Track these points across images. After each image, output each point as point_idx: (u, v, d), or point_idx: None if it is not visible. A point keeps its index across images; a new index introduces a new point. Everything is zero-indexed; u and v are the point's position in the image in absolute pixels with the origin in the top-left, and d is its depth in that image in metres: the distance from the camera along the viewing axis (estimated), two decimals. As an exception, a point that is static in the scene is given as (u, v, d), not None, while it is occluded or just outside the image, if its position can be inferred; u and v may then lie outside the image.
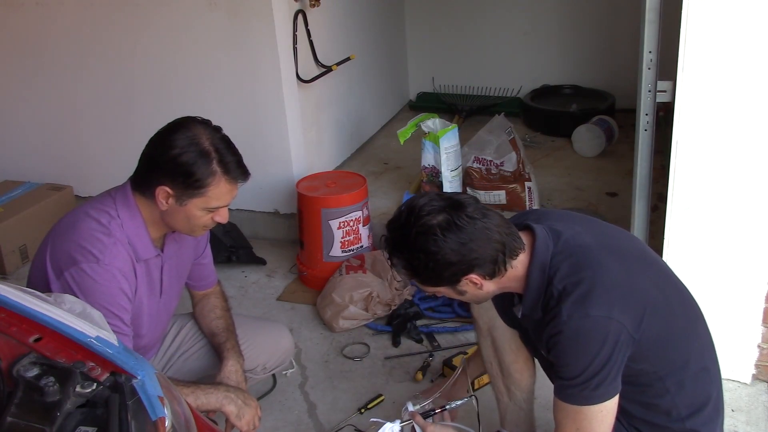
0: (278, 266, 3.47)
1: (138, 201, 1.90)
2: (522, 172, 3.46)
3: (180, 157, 1.80)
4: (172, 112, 3.53)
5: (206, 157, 1.81)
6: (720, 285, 2.37)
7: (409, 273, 1.65)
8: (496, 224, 1.61)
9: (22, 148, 3.94)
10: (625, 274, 1.62)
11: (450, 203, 1.60)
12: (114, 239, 1.85)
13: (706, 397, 1.72)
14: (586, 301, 1.55)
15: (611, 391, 1.59)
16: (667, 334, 1.64)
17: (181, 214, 1.87)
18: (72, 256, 1.82)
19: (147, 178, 1.86)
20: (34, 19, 3.61)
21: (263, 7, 3.23)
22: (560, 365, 1.61)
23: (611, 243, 1.71)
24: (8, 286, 1.36)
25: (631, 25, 2.76)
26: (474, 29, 4.92)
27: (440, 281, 1.64)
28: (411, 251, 1.60)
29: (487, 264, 1.60)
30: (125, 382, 1.17)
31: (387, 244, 1.67)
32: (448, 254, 1.57)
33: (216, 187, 1.83)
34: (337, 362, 2.76)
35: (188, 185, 1.81)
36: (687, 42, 2.13)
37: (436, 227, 1.57)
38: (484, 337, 1.99)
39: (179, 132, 1.84)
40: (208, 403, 1.93)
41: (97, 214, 1.88)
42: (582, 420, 1.61)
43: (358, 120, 4.35)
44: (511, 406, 2.03)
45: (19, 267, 3.53)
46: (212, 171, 1.82)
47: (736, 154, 2.21)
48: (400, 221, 1.63)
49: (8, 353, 1.19)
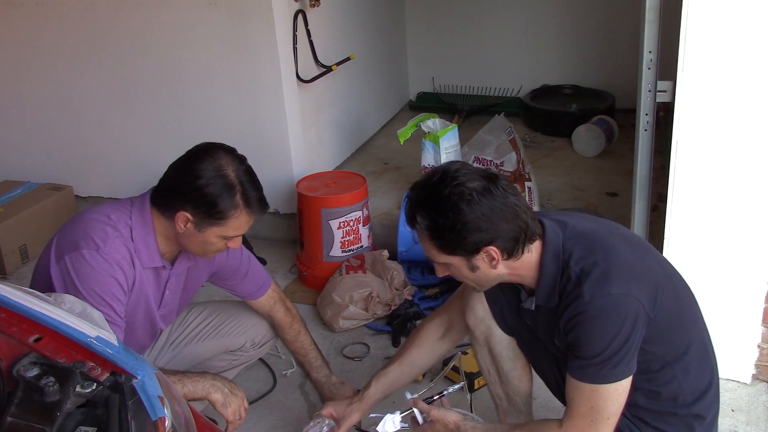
0: (278, 266, 3.47)
1: (154, 215, 1.93)
2: (522, 172, 3.45)
3: (206, 188, 1.83)
4: (172, 112, 3.59)
5: (231, 190, 1.85)
6: (720, 285, 2.37)
7: (430, 234, 1.62)
8: (525, 205, 1.62)
9: (22, 148, 3.94)
10: (635, 255, 1.65)
11: (486, 174, 1.61)
12: (119, 233, 1.88)
13: (709, 380, 1.75)
14: (607, 280, 1.57)
15: (628, 370, 1.60)
16: (675, 316, 1.67)
17: (198, 239, 1.90)
18: (75, 243, 1.85)
19: (169, 200, 1.89)
20: (34, 19, 3.61)
21: (263, 7, 3.23)
22: (580, 345, 1.60)
23: (614, 230, 1.75)
24: (8, 286, 1.36)
25: (631, 25, 2.76)
26: (474, 29, 4.91)
27: (460, 248, 1.62)
28: (440, 210, 1.58)
29: (510, 240, 1.60)
30: (125, 382, 1.17)
31: (412, 202, 1.64)
32: (478, 219, 1.56)
33: (236, 219, 1.88)
34: (337, 362, 2.76)
35: (210, 215, 1.85)
36: (687, 42, 2.13)
37: (472, 190, 1.56)
38: (480, 346, 1.98)
39: (206, 161, 1.86)
40: (194, 391, 1.94)
41: (110, 210, 1.92)
42: (597, 398, 1.61)
43: (358, 120, 4.35)
44: (511, 410, 2.03)
45: (19, 267, 3.53)
46: (235, 204, 1.86)
47: (736, 154, 2.21)
48: (431, 180, 1.61)
49: (8, 353, 1.19)
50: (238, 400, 2.00)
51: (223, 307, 2.36)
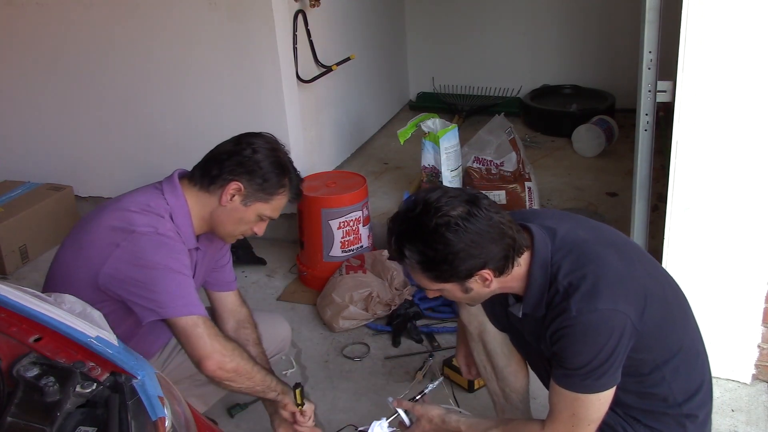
0: (278, 266, 3.47)
1: (189, 194, 1.95)
2: (522, 172, 3.45)
3: (263, 161, 1.92)
4: (172, 112, 3.58)
5: (284, 169, 1.96)
6: (720, 285, 2.37)
7: (422, 267, 1.60)
8: (508, 221, 1.61)
9: (22, 148, 3.94)
10: (624, 266, 1.63)
11: (466, 196, 1.58)
12: (164, 218, 1.90)
13: (700, 381, 1.75)
14: (594, 295, 1.56)
15: (612, 381, 1.61)
16: (664, 322, 1.66)
17: (238, 214, 1.94)
18: (124, 228, 1.85)
19: (221, 171, 1.92)
20: (34, 19, 3.61)
21: (263, 7, 3.23)
22: (566, 357, 1.61)
23: (604, 236, 1.73)
24: (8, 286, 1.36)
25: (631, 26, 2.75)
26: (474, 29, 4.92)
27: (454, 276, 1.60)
28: (428, 243, 1.55)
29: (500, 260, 1.59)
30: (125, 382, 1.17)
31: (398, 237, 1.60)
32: (467, 246, 1.54)
33: (280, 199, 1.97)
34: (337, 362, 2.76)
35: (262, 188, 1.93)
36: (687, 42, 2.13)
37: (457, 218, 1.53)
38: (475, 342, 1.98)
39: (260, 138, 1.96)
40: (274, 388, 1.98)
41: (148, 200, 1.92)
42: (579, 406, 1.63)
43: (358, 120, 4.35)
44: (508, 407, 2.03)
45: (19, 267, 3.53)
46: (284, 183, 1.96)
47: (736, 154, 2.21)
48: (414, 212, 1.57)
49: (8, 353, 1.19)
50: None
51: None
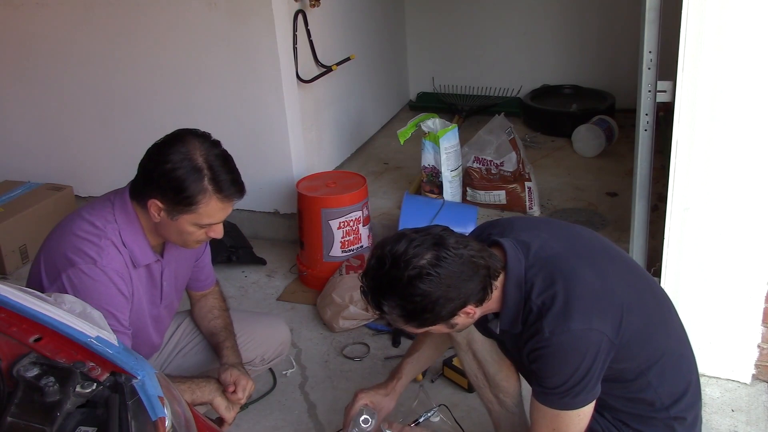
0: (278, 266, 3.47)
1: (135, 208, 1.90)
2: (522, 172, 3.45)
3: (172, 172, 1.78)
4: (172, 112, 3.58)
5: (198, 174, 1.79)
6: (720, 285, 2.37)
7: (405, 319, 1.60)
8: (477, 250, 1.59)
9: (22, 148, 3.95)
10: (599, 280, 1.62)
11: (432, 240, 1.56)
12: (108, 242, 1.85)
13: (686, 383, 1.75)
14: (566, 315, 1.56)
15: (590, 397, 1.62)
16: (644, 330, 1.66)
17: (173, 227, 1.86)
18: (69, 258, 1.81)
19: (142, 189, 1.86)
20: (34, 19, 3.61)
21: (263, 7, 3.23)
22: (542, 376, 1.62)
23: (579, 246, 1.72)
24: (8, 286, 1.36)
25: (631, 25, 2.76)
26: (474, 29, 4.91)
27: (437, 320, 1.60)
28: (405, 296, 1.54)
29: (479, 292, 1.59)
30: (125, 382, 1.17)
31: (374, 294, 1.59)
32: (444, 291, 1.53)
33: (206, 205, 1.81)
34: (337, 362, 2.76)
35: (178, 201, 1.80)
36: (687, 42, 2.13)
37: (428, 266, 1.52)
38: (464, 352, 1.97)
39: (175, 146, 1.81)
40: (202, 396, 1.94)
41: (93, 218, 1.88)
42: (559, 423, 1.64)
43: (358, 120, 4.35)
44: (504, 413, 2.03)
45: (19, 267, 3.53)
46: (203, 188, 1.79)
47: (736, 154, 2.21)
48: (384, 268, 1.56)
49: (8, 353, 1.19)
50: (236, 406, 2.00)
51: (238, 321, 2.30)
